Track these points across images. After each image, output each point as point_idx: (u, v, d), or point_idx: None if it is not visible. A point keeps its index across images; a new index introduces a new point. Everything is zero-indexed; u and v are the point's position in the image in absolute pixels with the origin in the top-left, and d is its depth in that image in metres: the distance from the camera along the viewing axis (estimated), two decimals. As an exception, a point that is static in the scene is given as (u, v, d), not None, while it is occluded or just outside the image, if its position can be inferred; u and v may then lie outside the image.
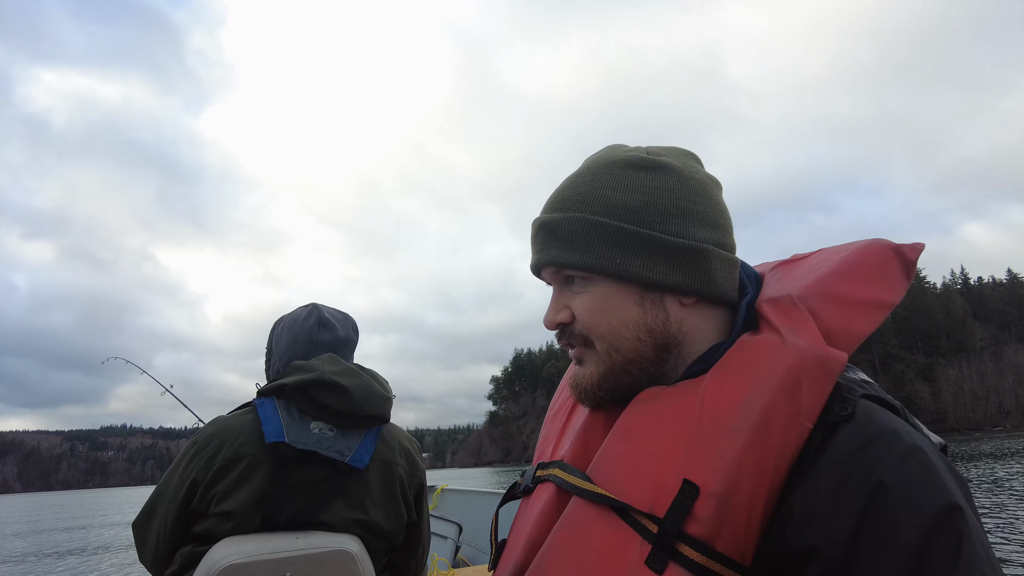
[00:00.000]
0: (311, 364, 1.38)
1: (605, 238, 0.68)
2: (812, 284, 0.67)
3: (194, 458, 1.29)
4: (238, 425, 1.32)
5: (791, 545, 0.53)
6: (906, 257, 0.68)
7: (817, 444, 0.56)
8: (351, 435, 1.36)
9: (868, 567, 0.50)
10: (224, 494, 1.25)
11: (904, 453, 0.53)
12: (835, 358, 0.59)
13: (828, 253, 0.73)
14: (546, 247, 0.72)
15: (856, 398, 0.59)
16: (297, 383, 1.33)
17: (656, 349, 0.69)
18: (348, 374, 1.38)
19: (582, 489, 0.65)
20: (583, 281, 0.71)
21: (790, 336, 0.61)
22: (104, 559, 13.94)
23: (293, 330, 1.49)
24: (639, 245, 0.68)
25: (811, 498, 0.54)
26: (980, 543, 0.51)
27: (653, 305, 0.69)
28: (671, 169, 0.70)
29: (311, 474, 1.30)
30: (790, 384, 0.58)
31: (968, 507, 0.53)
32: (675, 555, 0.55)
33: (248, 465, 1.26)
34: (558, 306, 0.74)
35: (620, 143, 0.78)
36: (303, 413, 1.33)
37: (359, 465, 1.33)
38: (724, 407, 0.60)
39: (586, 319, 0.71)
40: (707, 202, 0.71)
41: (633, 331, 0.69)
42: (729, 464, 0.56)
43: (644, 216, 0.68)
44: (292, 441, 1.27)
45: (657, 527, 0.57)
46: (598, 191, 0.70)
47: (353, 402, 1.35)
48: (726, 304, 0.72)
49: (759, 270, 0.79)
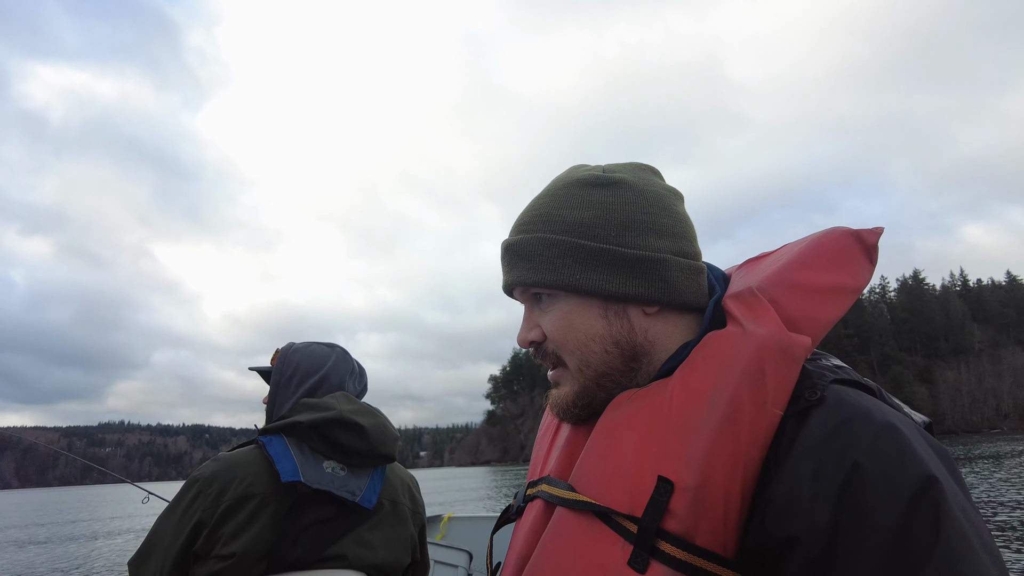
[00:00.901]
0: (326, 403, 1.36)
1: (564, 255, 0.70)
2: (771, 275, 0.68)
3: (198, 497, 1.23)
4: (245, 462, 1.28)
5: (772, 536, 0.53)
6: (866, 241, 0.68)
7: (790, 431, 0.57)
8: (360, 474, 1.35)
9: (851, 553, 0.50)
10: (231, 536, 1.20)
11: (877, 431, 0.54)
12: (797, 343, 0.60)
13: (790, 246, 0.74)
14: (513, 268, 0.75)
15: (826, 383, 0.59)
16: (314, 421, 1.30)
17: (624, 359, 0.70)
18: (364, 413, 1.38)
19: (564, 499, 0.66)
20: (549, 299, 0.73)
21: (750, 326, 0.62)
22: (99, 558, 13.80)
23: (323, 369, 1.45)
24: (596, 259, 0.70)
25: (788, 487, 0.54)
26: (961, 510, 0.50)
27: (617, 317, 0.70)
28: (625, 184, 0.72)
29: (320, 514, 1.28)
30: (754, 372, 0.59)
31: (948, 477, 0.53)
32: (656, 553, 0.56)
33: (258, 505, 1.23)
34: (529, 325, 0.76)
35: (582, 163, 0.80)
36: (315, 452, 1.31)
37: (368, 505, 1.32)
38: (691, 401, 0.61)
39: (555, 335, 0.73)
40: (663, 213, 0.72)
41: (600, 344, 0.70)
42: (700, 457, 0.57)
43: (600, 231, 0.70)
44: (308, 480, 1.24)
45: (636, 527, 0.57)
46: (556, 211, 0.73)
47: (370, 442, 1.34)
48: (694, 309, 0.73)
49: (727, 272, 0.80)
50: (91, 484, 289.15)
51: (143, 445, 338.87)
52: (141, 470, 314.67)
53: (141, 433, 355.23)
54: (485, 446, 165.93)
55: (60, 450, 3.61)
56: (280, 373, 1.46)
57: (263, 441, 1.31)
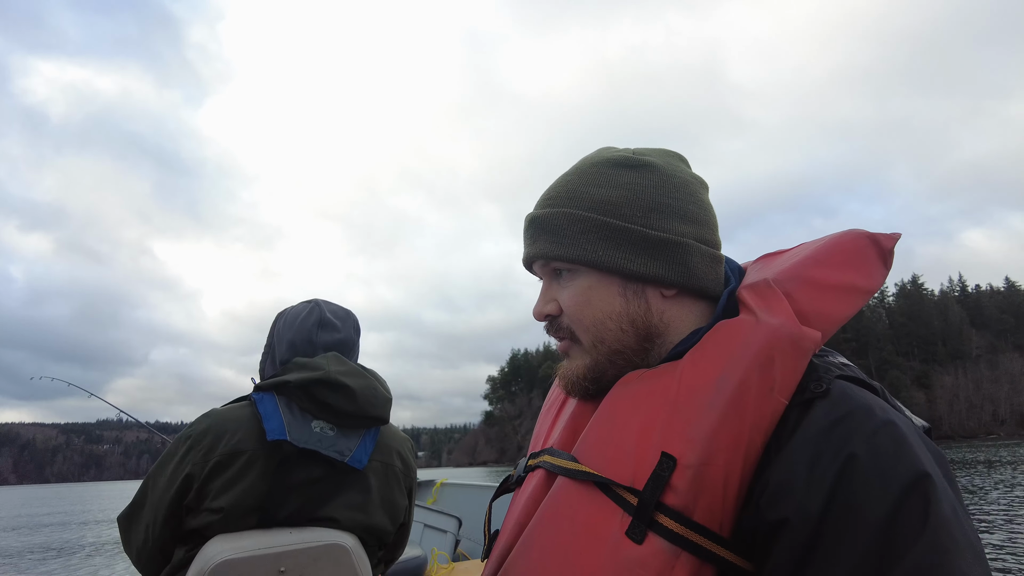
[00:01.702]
0: (315, 362, 1.36)
1: (589, 232, 0.71)
2: (788, 269, 0.70)
3: (189, 451, 1.25)
4: (236, 419, 1.28)
5: (765, 517, 0.55)
6: (882, 245, 0.70)
7: (793, 420, 0.58)
8: (351, 435, 1.36)
9: (837, 540, 0.51)
10: (221, 490, 1.22)
11: (876, 427, 0.55)
12: (808, 336, 0.61)
13: (807, 244, 0.75)
14: (535, 241, 0.76)
15: (832, 377, 0.61)
16: (302, 380, 1.31)
17: (639, 339, 0.72)
18: (353, 374, 1.37)
19: (566, 468, 0.68)
20: (569, 274, 0.74)
21: (764, 316, 0.64)
22: (92, 557, 13.81)
23: (293, 327, 1.46)
24: (620, 238, 0.71)
25: (785, 471, 0.55)
26: (950, 508, 0.51)
27: (635, 296, 0.72)
28: (654, 168, 0.74)
29: (310, 473, 1.29)
30: (763, 360, 0.60)
31: (942, 477, 0.54)
32: (653, 525, 0.57)
33: (247, 461, 1.24)
34: (546, 298, 0.77)
35: (612, 145, 0.80)
36: (304, 411, 1.32)
37: (358, 465, 1.33)
38: (700, 383, 0.62)
39: (572, 311, 0.74)
40: (688, 199, 0.74)
41: (616, 322, 0.72)
42: (704, 436, 0.58)
43: (626, 211, 0.71)
44: (294, 439, 1.25)
45: (637, 499, 0.59)
46: (584, 188, 0.74)
47: (357, 403, 1.34)
48: (709, 296, 0.74)
49: (744, 266, 0.82)
50: (89, 481, 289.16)
51: (141, 443, 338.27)
52: (139, 467, 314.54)
53: (139, 430, 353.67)
54: (482, 446, 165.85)
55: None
56: (269, 337, 1.52)
57: (255, 398, 1.32)
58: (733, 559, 0.56)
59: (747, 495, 0.58)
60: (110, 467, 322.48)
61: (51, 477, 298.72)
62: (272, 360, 1.48)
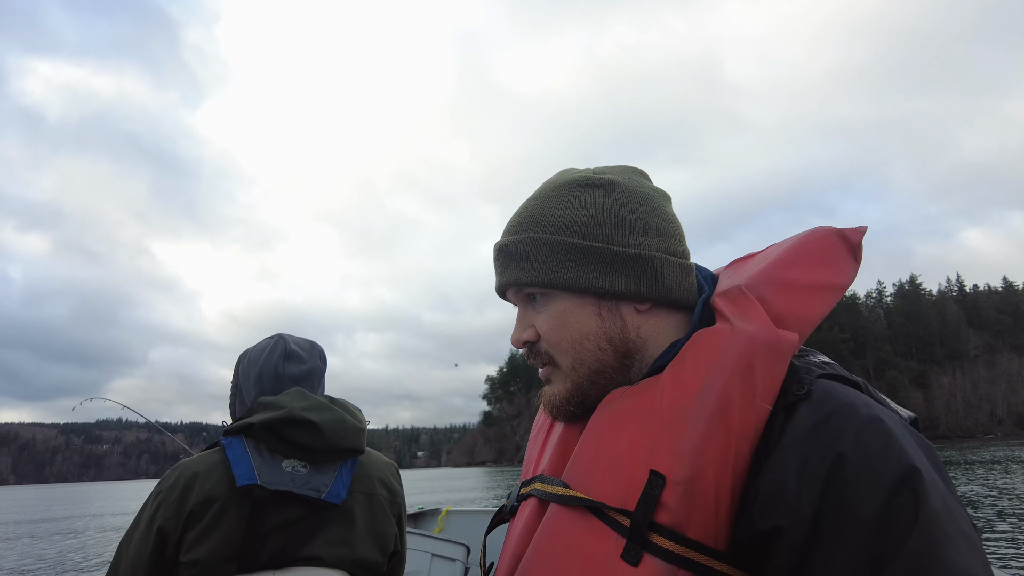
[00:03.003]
0: (278, 401, 1.32)
1: (558, 254, 0.72)
2: (758, 273, 0.70)
3: (160, 507, 1.21)
4: (206, 467, 1.25)
5: (759, 527, 0.55)
6: (850, 240, 0.70)
7: (779, 425, 0.58)
8: (325, 470, 1.31)
9: (832, 541, 0.51)
10: (195, 541, 1.17)
11: (862, 424, 0.55)
12: (785, 339, 0.62)
13: (776, 245, 0.76)
14: (506, 268, 0.76)
15: (813, 378, 0.61)
16: (265, 421, 1.27)
17: (618, 356, 0.72)
18: (318, 408, 1.32)
19: (557, 495, 0.67)
20: (544, 299, 0.75)
21: (739, 323, 0.64)
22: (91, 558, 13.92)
23: (258, 364, 1.43)
24: (590, 258, 0.71)
25: (775, 478, 0.55)
26: (940, 500, 0.51)
27: (610, 314, 0.72)
28: (615, 185, 0.74)
29: (288, 514, 1.25)
30: (743, 368, 0.60)
31: (931, 469, 0.54)
32: (648, 546, 0.57)
33: (221, 507, 1.20)
34: (523, 325, 0.77)
35: (572, 167, 0.82)
36: (273, 452, 1.27)
37: (336, 500, 1.28)
38: (682, 397, 0.62)
39: (549, 335, 0.74)
40: (652, 213, 0.75)
41: (594, 341, 0.72)
42: (691, 451, 0.58)
43: (592, 230, 0.72)
44: (265, 483, 1.21)
45: (629, 520, 0.59)
46: (548, 211, 0.74)
47: (326, 438, 1.29)
48: (684, 307, 0.74)
49: (715, 272, 0.82)
50: (88, 481, 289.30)
51: (140, 442, 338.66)
52: (138, 467, 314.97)
53: (138, 431, 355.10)
54: (481, 447, 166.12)
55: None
56: (235, 376, 1.49)
57: (224, 444, 1.29)
58: (731, 572, 0.56)
59: (739, 505, 0.57)
60: (110, 467, 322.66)
61: (50, 477, 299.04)
62: (241, 400, 1.45)
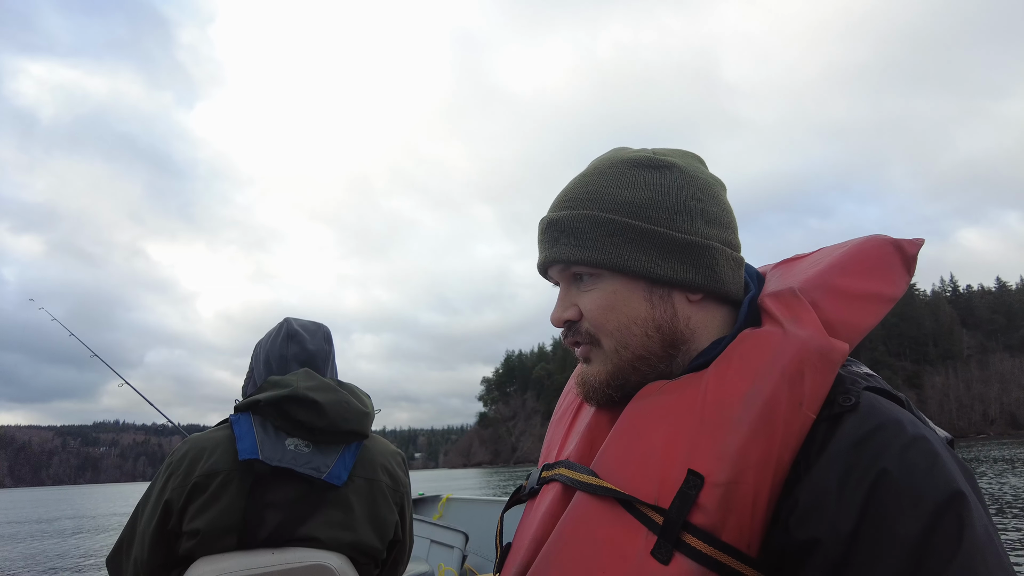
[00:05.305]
0: (285, 380, 1.36)
1: (614, 234, 0.69)
2: (812, 278, 0.68)
3: (169, 478, 1.26)
4: (212, 441, 1.29)
5: (795, 537, 0.53)
6: (906, 252, 0.69)
7: (822, 435, 0.57)
8: (328, 451, 1.33)
9: (869, 559, 0.50)
10: (197, 512, 1.22)
11: (908, 442, 0.54)
12: (837, 348, 0.60)
13: (828, 250, 0.74)
14: (555, 244, 0.73)
15: (860, 389, 0.59)
16: (271, 399, 1.31)
17: (664, 345, 0.70)
18: (323, 389, 1.35)
19: (587, 484, 0.66)
20: (591, 278, 0.72)
21: (791, 327, 0.62)
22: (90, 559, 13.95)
23: (266, 347, 1.49)
24: (647, 241, 0.69)
25: (815, 489, 0.54)
26: (984, 529, 0.50)
27: (661, 301, 0.70)
28: (677, 168, 0.72)
29: (288, 492, 1.28)
30: (792, 374, 0.59)
31: (972, 495, 0.52)
32: (680, 545, 0.56)
33: (223, 481, 1.24)
34: (566, 303, 0.74)
35: (624, 146, 0.79)
36: (278, 429, 1.31)
37: (336, 482, 1.30)
38: (727, 398, 0.60)
39: (595, 316, 0.71)
40: (712, 201, 0.72)
41: (641, 327, 0.70)
42: (733, 454, 0.57)
43: (652, 213, 0.69)
44: (266, 458, 1.24)
45: (662, 518, 0.57)
46: (606, 189, 0.71)
47: (328, 418, 1.32)
48: (731, 302, 0.73)
49: (761, 271, 0.80)
50: (85, 483, 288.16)
51: (137, 445, 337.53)
52: (135, 470, 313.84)
53: (135, 433, 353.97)
54: (477, 448, 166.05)
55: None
56: (251, 361, 1.56)
57: (231, 419, 1.33)
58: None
59: (775, 513, 0.56)
60: (106, 469, 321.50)
61: (47, 480, 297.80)
62: (252, 381, 1.52)
